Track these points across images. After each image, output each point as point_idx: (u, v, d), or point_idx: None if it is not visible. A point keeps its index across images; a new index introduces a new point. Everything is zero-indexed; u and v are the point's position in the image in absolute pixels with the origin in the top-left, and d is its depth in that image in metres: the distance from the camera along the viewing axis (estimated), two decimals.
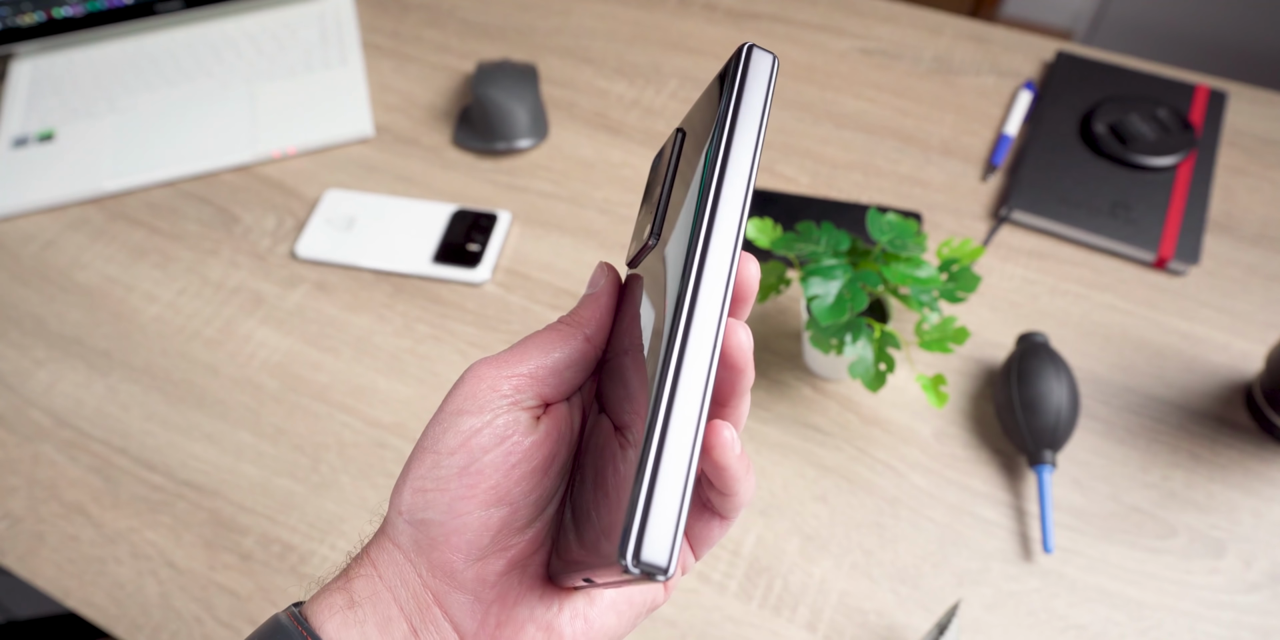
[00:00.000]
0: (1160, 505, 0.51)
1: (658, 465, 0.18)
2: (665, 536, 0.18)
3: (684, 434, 0.18)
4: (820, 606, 0.49)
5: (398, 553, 0.23)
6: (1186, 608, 0.48)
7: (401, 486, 0.23)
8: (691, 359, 0.19)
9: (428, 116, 0.75)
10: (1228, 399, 0.55)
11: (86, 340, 0.63)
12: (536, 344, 0.24)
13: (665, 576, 0.18)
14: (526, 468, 0.23)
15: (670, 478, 0.18)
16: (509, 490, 0.23)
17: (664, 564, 0.18)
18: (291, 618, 0.23)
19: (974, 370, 0.57)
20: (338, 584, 0.24)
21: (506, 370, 0.23)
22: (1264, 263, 0.62)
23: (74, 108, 0.76)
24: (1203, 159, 0.65)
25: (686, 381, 0.19)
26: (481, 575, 0.23)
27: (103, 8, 0.78)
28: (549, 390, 0.24)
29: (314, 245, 0.65)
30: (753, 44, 0.22)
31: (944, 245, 0.52)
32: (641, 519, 0.18)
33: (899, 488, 0.53)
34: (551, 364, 0.24)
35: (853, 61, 0.77)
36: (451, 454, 0.23)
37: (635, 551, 0.18)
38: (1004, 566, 0.50)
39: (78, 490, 0.56)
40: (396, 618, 0.23)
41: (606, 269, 0.26)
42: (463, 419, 0.23)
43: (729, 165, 0.21)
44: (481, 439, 0.23)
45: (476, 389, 0.23)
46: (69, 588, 0.52)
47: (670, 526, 0.18)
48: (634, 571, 0.17)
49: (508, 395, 0.23)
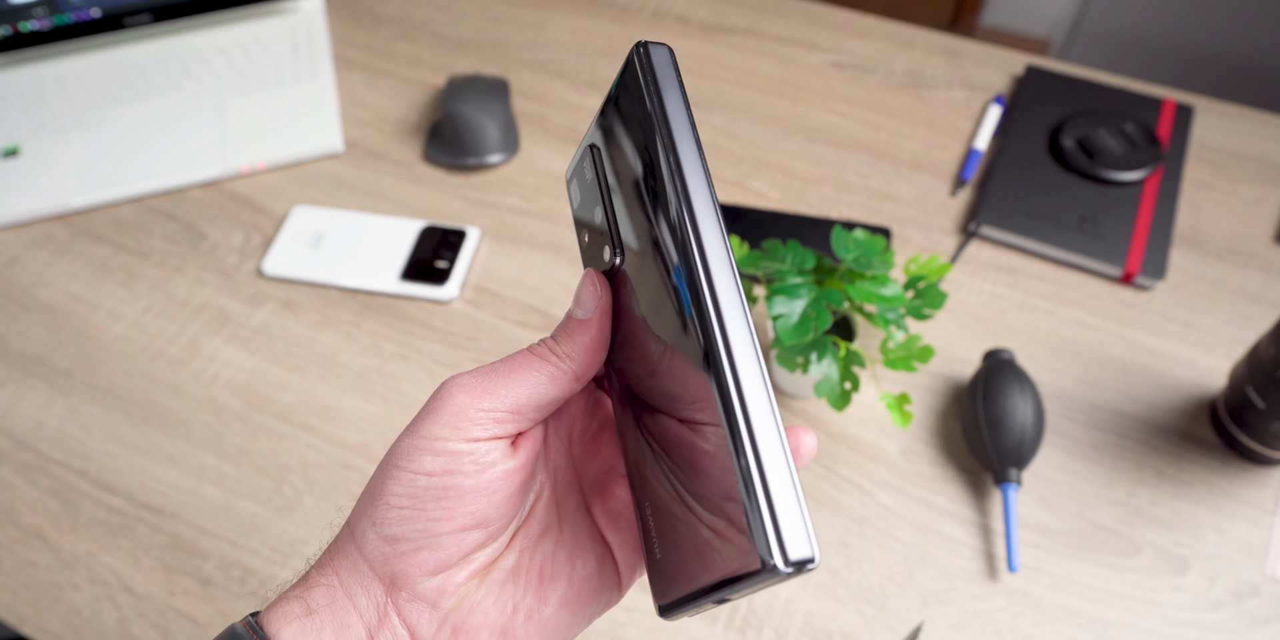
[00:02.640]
0: (1125, 522, 0.51)
1: (760, 462, 0.18)
2: (799, 527, 0.18)
3: (767, 426, 0.19)
4: (785, 628, 0.49)
5: (363, 563, 0.23)
6: (1150, 626, 0.48)
7: (375, 499, 0.23)
8: (739, 348, 0.19)
9: (399, 131, 0.74)
10: (1193, 415, 0.55)
11: (48, 360, 0.62)
12: (522, 376, 0.23)
13: (814, 565, 0.18)
14: (505, 493, 0.23)
15: (776, 470, 0.18)
16: (486, 515, 0.23)
17: (810, 554, 0.17)
18: (247, 627, 0.23)
19: (942, 387, 0.57)
20: (295, 592, 0.23)
21: (488, 402, 0.23)
22: (1229, 277, 0.62)
23: (40, 122, 0.75)
24: (1169, 173, 0.66)
25: (746, 378, 0.19)
26: (442, 586, 0.23)
27: (70, 21, 0.78)
28: (528, 423, 0.24)
29: (281, 262, 0.65)
30: (645, 41, 0.22)
31: (911, 262, 0.52)
32: (771, 517, 0.17)
33: (866, 506, 0.53)
34: (536, 401, 0.23)
35: (825, 75, 0.77)
36: (430, 476, 0.22)
37: (781, 550, 0.17)
38: (969, 586, 0.50)
39: (35, 514, 0.55)
40: (354, 625, 0.23)
41: (597, 285, 0.24)
42: (442, 444, 0.22)
43: (681, 159, 0.21)
44: (463, 465, 0.22)
45: (457, 418, 0.23)
46: (24, 614, 0.51)
47: (798, 515, 0.18)
48: (786, 570, 0.17)
49: (489, 428, 0.23)
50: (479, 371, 0.23)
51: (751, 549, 0.18)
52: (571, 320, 0.24)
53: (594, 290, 0.23)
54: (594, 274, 0.24)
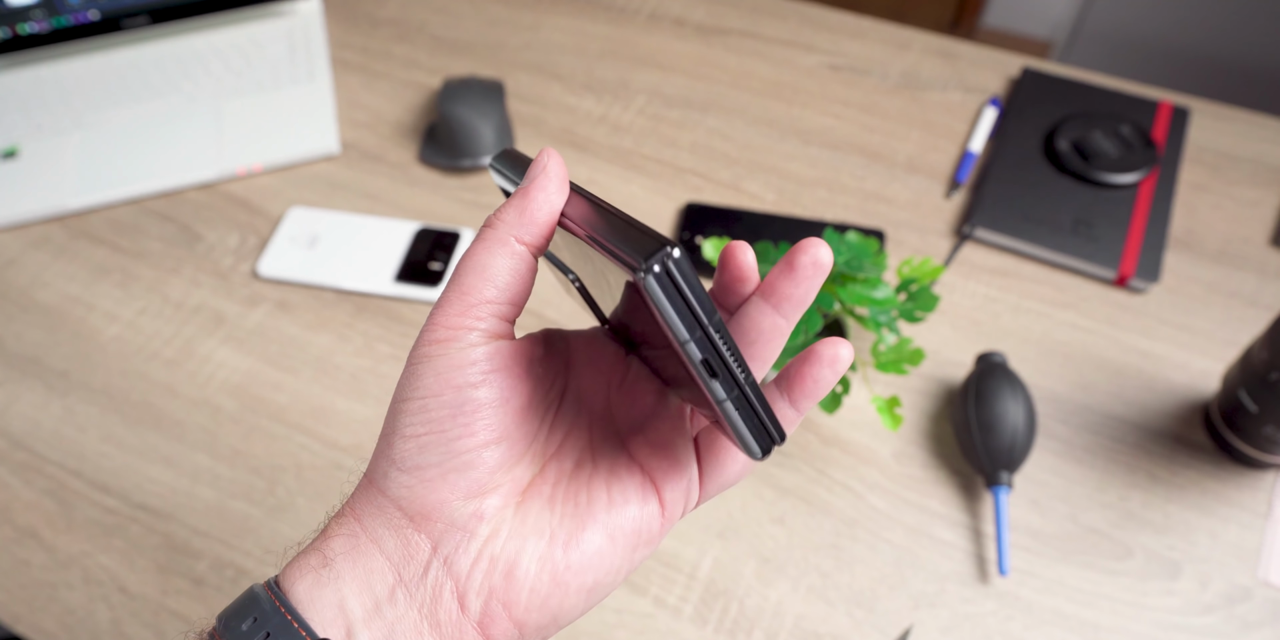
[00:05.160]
0: (1117, 526, 0.51)
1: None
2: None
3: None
4: (776, 630, 0.49)
5: (388, 504, 0.22)
6: (1141, 630, 0.48)
7: (390, 439, 0.23)
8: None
9: (395, 133, 0.75)
10: (1186, 418, 0.55)
11: (45, 360, 0.62)
12: (466, 268, 0.23)
13: (673, 250, 0.19)
14: (518, 403, 0.23)
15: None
16: (505, 428, 0.23)
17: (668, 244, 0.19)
18: (266, 587, 0.22)
19: (934, 389, 0.57)
20: (314, 545, 0.23)
21: (454, 306, 0.22)
22: (1224, 280, 0.62)
23: (38, 124, 0.76)
24: (1165, 176, 0.66)
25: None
26: (477, 511, 0.22)
27: (68, 24, 0.78)
28: (506, 307, 0.23)
29: (276, 264, 0.65)
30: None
31: (904, 264, 0.52)
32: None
33: (857, 509, 0.53)
34: (494, 280, 0.22)
35: (821, 77, 0.77)
36: (439, 396, 0.22)
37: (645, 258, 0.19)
38: (960, 589, 0.50)
39: (31, 514, 0.55)
40: (379, 569, 0.22)
41: (546, 155, 0.23)
42: (438, 361, 0.22)
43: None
44: (467, 376, 0.22)
45: (436, 331, 0.22)
46: (18, 613, 0.51)
47: None
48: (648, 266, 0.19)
49: (472, 325, 0.22)
50: (440, 298, 0.23)
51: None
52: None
53: (541, 159, 0.23)
54: (546, 150, 0.24)
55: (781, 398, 0.23)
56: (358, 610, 0.21)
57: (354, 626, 0.21)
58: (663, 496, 0.24)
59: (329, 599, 0.22)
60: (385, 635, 0.21)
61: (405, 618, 0.21)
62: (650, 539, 0.24)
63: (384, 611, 0.21)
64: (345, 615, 0.21)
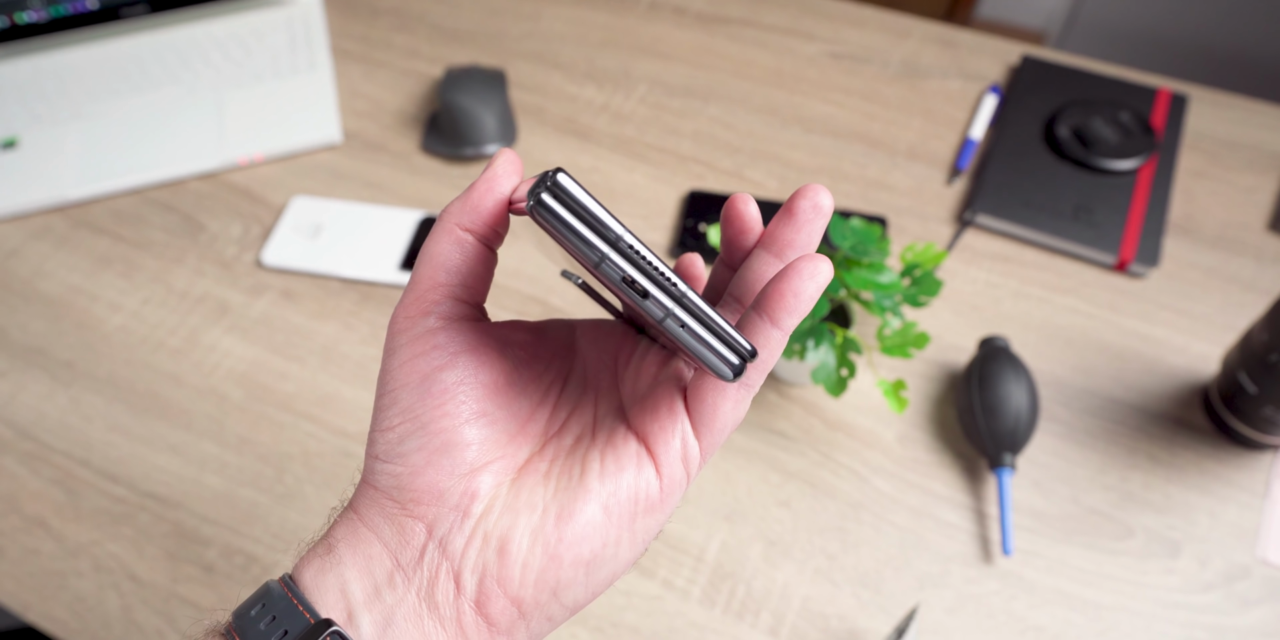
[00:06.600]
0: (1118, 506, 0.52)
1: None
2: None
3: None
4: (783, 612, 0.49)
5: (381, 497, 0.23)
6: (1142, 608, 0.49)
7: (373, 436, 0.23)
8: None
9: (396, 122, 0.75)
10: (1186, 401, 0.56)
11: (49, 351, 0.62)
12: (423, 261, 0.24)
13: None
14: (489, 379, 0.23)
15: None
16: (481, 405, 0.23)
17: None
18: (281, 581, 0.23)
19: (938, 373, 0.58)
20: (321, 536, 0.24)
21: (412, 296, 0.23)
22: (1222, 265, 0.62)
23: (38, 114, 0.75)
24: (1164, 162, 0.66)
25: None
26: (469, 489, 0.22)
27: (67, 13, 0.78)
28: (462, 291, 0.23)
29: (280, 253, 0.65)
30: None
31: (907, 250, 0.53)
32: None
33: (862, 492, 0.53)
34: (447, 266, 0.23)
35: (821, 66, 0.77)
36: (406, 385, 0.22)
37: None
38: (964, 569, 0.50)
39: (39, 503, 0.55)
40: (378, 556, 0.22)
41: (500, 153, 0.24)
42: (404, 353, 0.23)
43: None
44: (433, 359, 0.23)
45: (397, 325, 0.23)
46: (29, 602, 0.51)
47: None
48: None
49: (428, 312, 0.23)
50: None
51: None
52: None
53: (495, 158, 0.24)
54: (503, 150, 0.24)
55: (762, 319, 0.22)
56: (359, 594, 0.22)
57: (355, 610, 0.22)
58: (657, 458, 0.23)
59: (331, 583, 0.22)
60: (385, 618, 0.22)
61: (404, 601, 0.22)
62: (651, 507, 0.23)
63: (384, 595, 0.22)
64: (347, 599, 0.22)
